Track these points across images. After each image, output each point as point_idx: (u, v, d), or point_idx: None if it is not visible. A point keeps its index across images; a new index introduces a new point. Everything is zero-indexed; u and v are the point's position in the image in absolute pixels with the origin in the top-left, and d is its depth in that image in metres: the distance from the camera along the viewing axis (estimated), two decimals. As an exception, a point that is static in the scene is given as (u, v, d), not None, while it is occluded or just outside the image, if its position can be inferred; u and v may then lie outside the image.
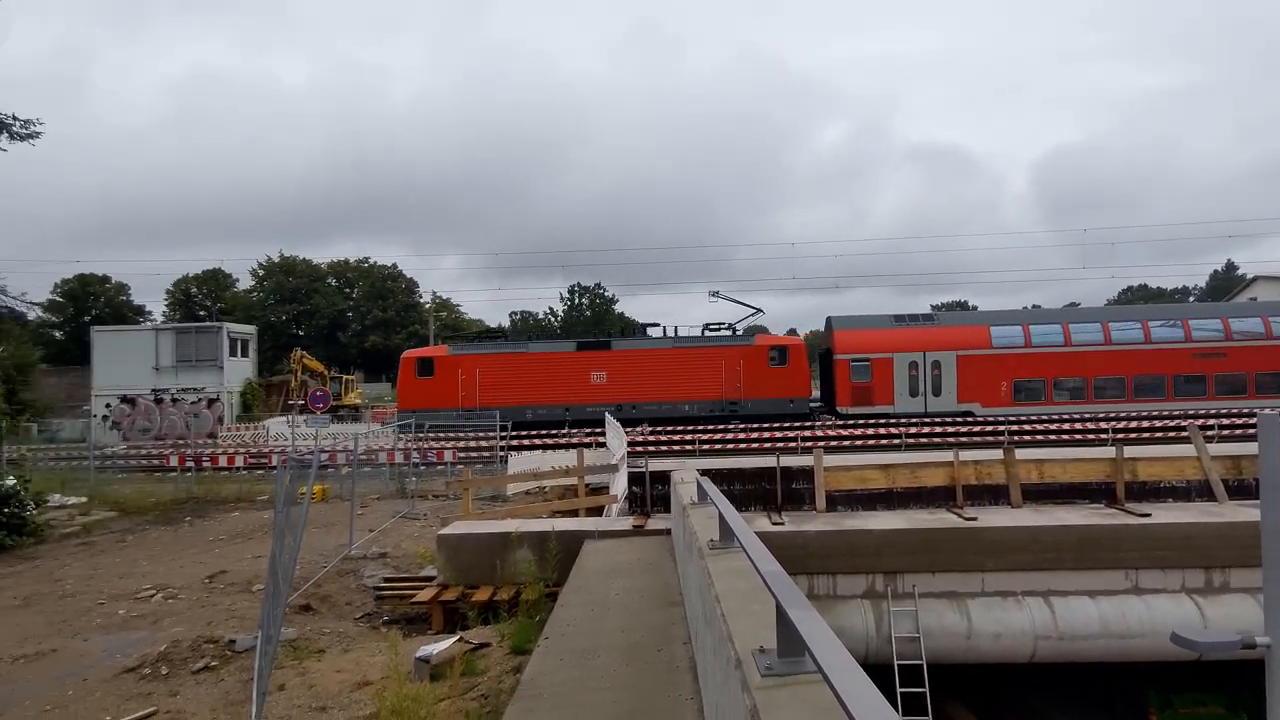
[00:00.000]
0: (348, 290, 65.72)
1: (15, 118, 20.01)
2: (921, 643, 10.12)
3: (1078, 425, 26.22)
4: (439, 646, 7.85)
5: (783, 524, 11.61)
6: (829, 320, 30.84)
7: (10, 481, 15.77)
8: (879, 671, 9.49)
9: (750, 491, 14.04)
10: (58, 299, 61.69)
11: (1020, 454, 13.90)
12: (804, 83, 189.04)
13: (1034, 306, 40.01)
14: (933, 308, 70.98)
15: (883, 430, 26.40)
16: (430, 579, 11.02)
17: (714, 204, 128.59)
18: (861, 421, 27.10)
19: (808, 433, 26.37)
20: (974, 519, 11.66)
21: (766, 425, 27.18)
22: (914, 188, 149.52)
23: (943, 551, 10.58)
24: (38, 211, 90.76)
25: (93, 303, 62.49)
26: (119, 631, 9.78)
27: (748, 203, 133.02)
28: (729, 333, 30.37)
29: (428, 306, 63.33)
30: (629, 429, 23.69)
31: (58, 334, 60.21)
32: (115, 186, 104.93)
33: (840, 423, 27.46)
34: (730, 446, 25.99)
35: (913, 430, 26.26)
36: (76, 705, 7.60)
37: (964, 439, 25.00)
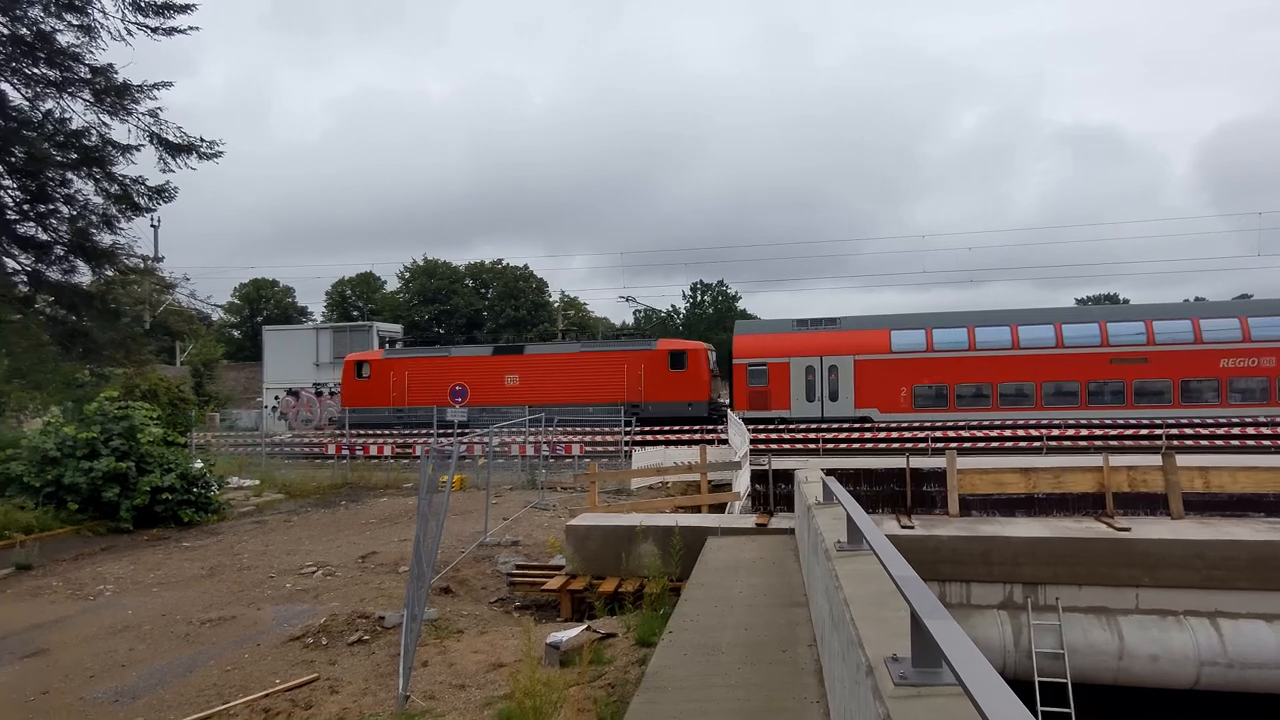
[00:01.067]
0: (483, 291, 68.90)
1: (202, 139, 22.29)
2: (1066, 660, 9.51)
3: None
4: (568, 634, 8.16)
5: (912, 527, 11.21)
6: (735, 325, 31.46)
7: (199, 465, 17.80)
8: (1017, 688, 9.00)
9: (878, 493, 13.64)
10: (236, 301, 68.57)
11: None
12: (940, 69, 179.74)
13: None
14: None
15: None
16: (559, 568, 11.45)
17: (841, 198, 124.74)
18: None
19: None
20: (1127, 529, 10.80)
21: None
22: (1060, 173, 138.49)
23: (1091, 563, 9.88)
24: (222, 223, 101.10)
25: (264, 304, 68.98)
26: (286, 603, 10.81)
27: (877, 195, 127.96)
28: (641, 338, 31.75)
29: (556, 305, 65.46)
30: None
31: (236, 333, 66.87)
32: (286, 199, 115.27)
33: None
34: (842, 446, 25.42)
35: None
36: (252, 667, 8.48)
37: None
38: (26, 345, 20.34)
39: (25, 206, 21.57)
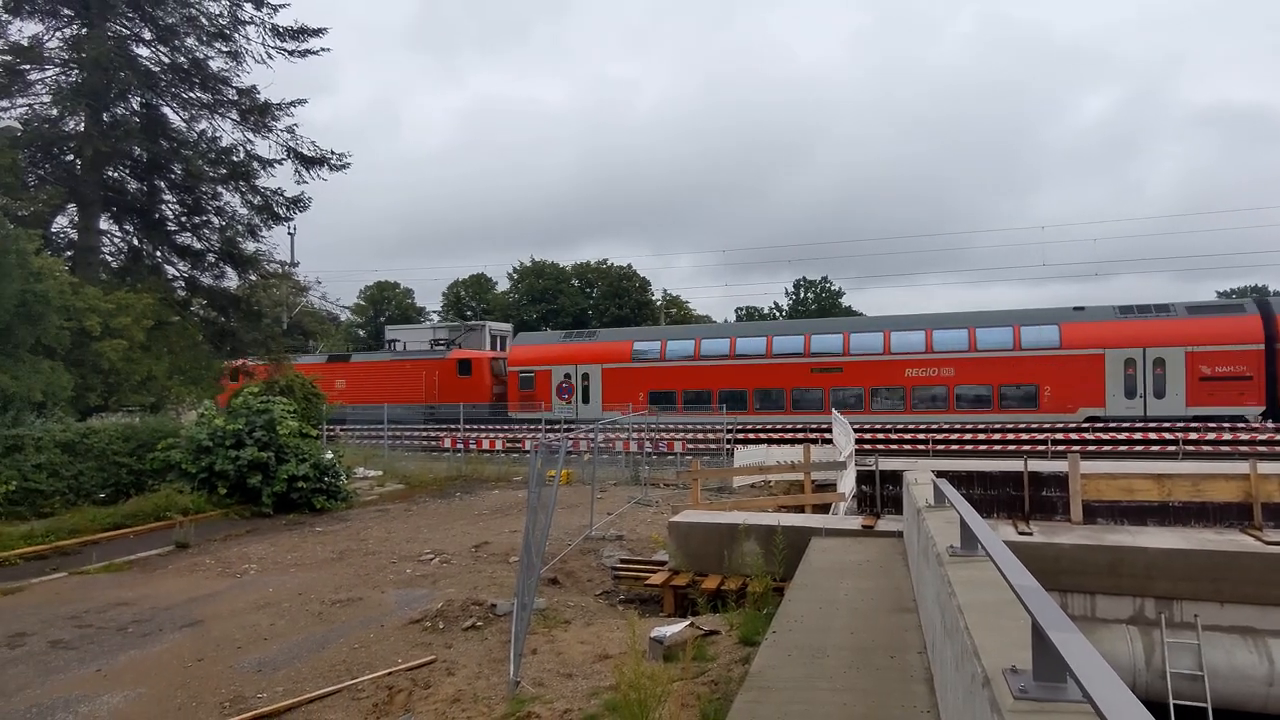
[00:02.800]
0: (588, 290, 70.32)
1: (333, 152, 24.11)
2: (1206, 682, 8.83)
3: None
4: (672, 629, 8.28)
5: (1030, 533, 10.69)
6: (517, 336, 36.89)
7: (329, 456, 19.14)
8: (1149, 710, 8.44)
9: (992, 497, 13.07)
10: (361, 302, 73.10)
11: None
12: (1067, 51, 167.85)
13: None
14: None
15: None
16: (661, 563, 11.61)
17: (957, 190, 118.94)
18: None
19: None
20: (1278, 543, 9.90)
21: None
22: (1200, 158, 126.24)
23: (1236, 579, 9.11)
24: (352, 229, 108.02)
25: (386, 305, 73.13)
26: (406, 587, 11.48)
27: (995, 187, 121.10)
28: (442, 347, 36.25)
29: (659, 304, 65.94)
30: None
31: (361, 332, 71.20)
32: (409, 205, 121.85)
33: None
34: (955, 448, 24.47)
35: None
36: (376, 646, 9.07)
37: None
38: (185, 344, 22.52)
39: (183, 219, 23.88)
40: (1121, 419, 24.37)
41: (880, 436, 25.38)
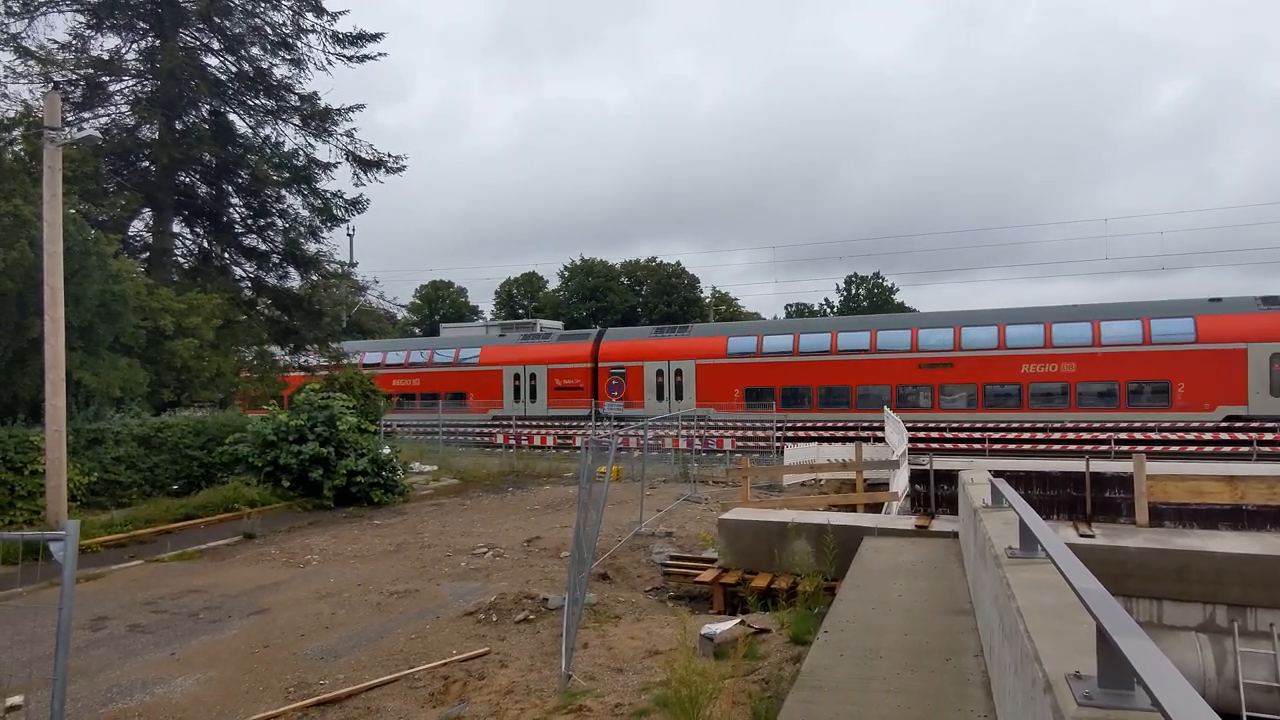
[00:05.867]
0: (637, 288, 70.57)
1: (390, 155, 24.81)
2: (1283, 694, 8.44)
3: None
4: (722, 627, 8.28)
5: (1092, 536, 10.35)
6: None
7: (387, 451, 19.68)
8: (1221, 720, 8.10)
9: (1051, 498, 12.72)
10: (417, 301, 74.74)
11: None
12: (1137, 39, 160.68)
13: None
14: None
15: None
16: (711, 560, 11.61)
17: (1022, 184, 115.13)
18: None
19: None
20: (1366, 552, 9.38)
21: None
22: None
23: (1317, 588, 8.69)
24: (411, 230, 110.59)
25: (441, 304, 74.62)
26: (461, 580, 11.73)
27: (1059, 182, 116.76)
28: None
29: (708, 301, 65.75)
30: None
31: (417, 330, 72.84)
32: (468, 206, 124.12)
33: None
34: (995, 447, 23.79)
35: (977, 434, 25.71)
36: (432, 637, 9.30)
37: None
38: (252, 342, 23.42)
39: (249, 221, 24.85)
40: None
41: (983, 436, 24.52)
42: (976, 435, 25.03)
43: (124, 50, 23.47)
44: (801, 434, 27.15)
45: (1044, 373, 25.68)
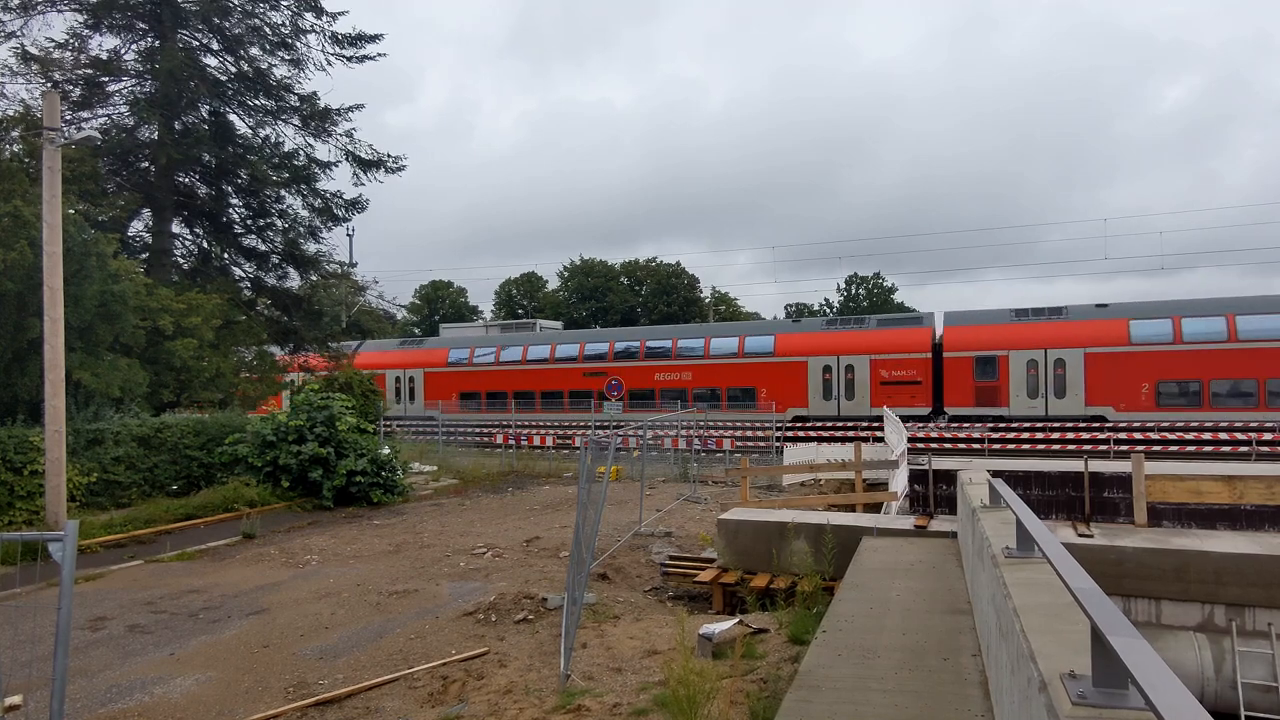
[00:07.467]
0: (637, 288, 70.56)
1: (389, 155, 24.85)
2: (1281, 694, 8.45)
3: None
4: (721, 627, 8.30)
5: (1091, 536, 10.37)
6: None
7: (386, 451, 19.68)
8: None
9: (1050, 498, 12.73)
10: (416, 301, 74.72)
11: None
12: (1141, 40, 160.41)
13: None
14: None
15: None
16: (710, 560, 11.62)
17: (1025, 183, 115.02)
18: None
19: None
20: (1364, 551, 9.40)
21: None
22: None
23: (1315, 587, 8.70)
24: (413, 231, 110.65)
25: (440, 304, 74.59)
26: (460, 580, 11.74)
27: (1062, 182, 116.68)
28: None
29: (707, 301, 65.74)
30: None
31: (417, 330, 72.86)
32: (471, 207, 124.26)
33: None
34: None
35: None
36: (431, 637, 9.31)
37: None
38: (251, 342, 23.43)
39: (248, 221, 24.87)
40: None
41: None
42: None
43: (123, 50, 23.50)
44: (802, 435, 27.18)
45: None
